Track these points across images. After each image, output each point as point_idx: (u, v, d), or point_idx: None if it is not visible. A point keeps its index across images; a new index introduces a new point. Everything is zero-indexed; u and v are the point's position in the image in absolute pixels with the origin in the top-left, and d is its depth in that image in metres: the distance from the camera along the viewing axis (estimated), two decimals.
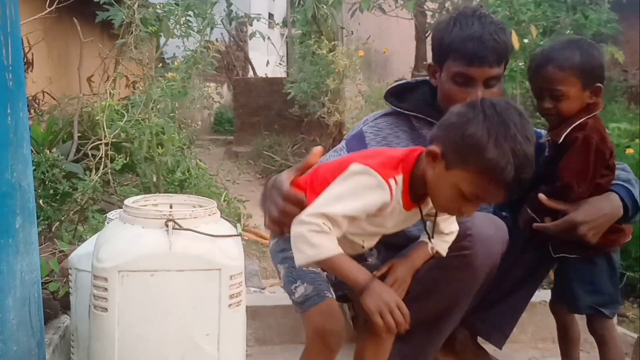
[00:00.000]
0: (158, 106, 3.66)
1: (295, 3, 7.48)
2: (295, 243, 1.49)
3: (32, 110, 4.24)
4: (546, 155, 1.90)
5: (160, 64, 4.72)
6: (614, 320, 2.03)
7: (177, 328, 1.56)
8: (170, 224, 1.55)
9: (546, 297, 2.13)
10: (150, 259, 1.55)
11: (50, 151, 3.17)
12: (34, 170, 2.77)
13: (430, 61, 1.98)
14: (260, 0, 13.69)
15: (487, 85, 1.83)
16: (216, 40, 8.68)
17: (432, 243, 1.64)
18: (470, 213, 1.51)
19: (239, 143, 8.70)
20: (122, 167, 3.51)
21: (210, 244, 1.58)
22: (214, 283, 1.57)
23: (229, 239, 1.65)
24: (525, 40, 4.98)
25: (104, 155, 3.29)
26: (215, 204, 1.71)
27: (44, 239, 2.67)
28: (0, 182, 1.30)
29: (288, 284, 1.69)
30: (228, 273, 1.58)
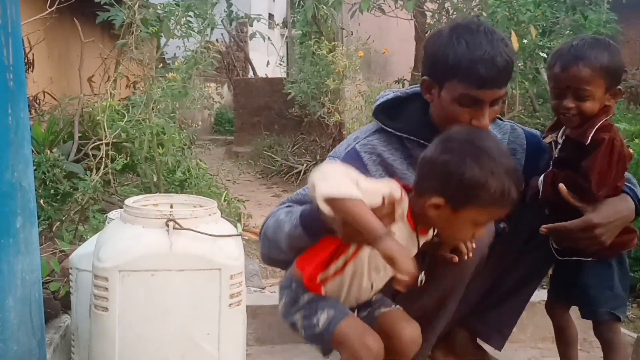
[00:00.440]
0: (158, 106, 3.67)
1: (296, 4, 7.50)
2: (315, 179, 1.46)
3: (33, 111, 4.25)
4: (557, 155, 1.88)
5: (161, 65, 4.73)
6: None
7: (178, 327, 1.57)
8: (171, 223, 1.56)
9: (545, 297, 2.12)
10: (151, 258, 1.55)
11: (51, 151, 3.18)
12: (35, 170, 2.78)
13: (424, 76, 1.84)
14: (260, 1, 13.70)
15: (492, 104, 1.76)
16: (216, 40, 8.70)
17: (422, 276, 1.62)
18: (483, 235, 1.61)
19: (239, 143, 8.71)
20: (123, 167, 3.52)
21: (211, 243, 1.58)
22: (214, 283, 1.57)
23: (230, 238, 1.65)
24: (525, 41, 4.98)
25: (104, 155, 3.30)
26: (216, 204, 1.72)
27: (44, 239, 2.67)
28: (1, 182, 1.31)
29: (309, 321, 1.62)
30: (228, 273, 1.58)
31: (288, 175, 6.90)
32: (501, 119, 2.05)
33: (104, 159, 3.29)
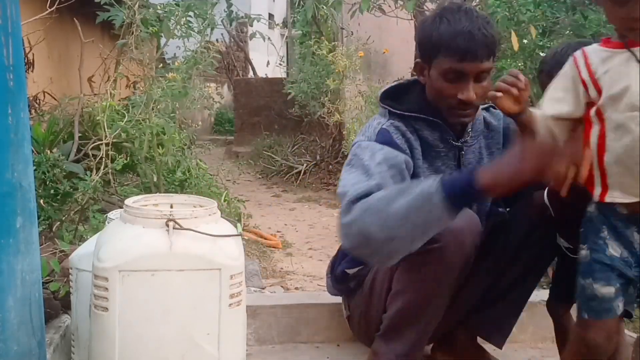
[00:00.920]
0: (158, 106, 3.67)
1: (295, 4, 7.51)
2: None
3: (33, 111, 4.25)
4: None
5: (161, 65, 4.73)
6: None
7: (178, 328, 1.57)
8: (171, 223, 1.56)
9: (546, 297, 2.12)
10: (151, 258, 1.55)
11: (51, 151, 3.18)
12: (35, 170, 2.77)
13: (417, 59, 1.96)
14: (260, 1, 13.72)
15: (478, 79, 1.82)
16: (216, 40, 8.71)
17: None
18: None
19: (239, 143, 8.72)
20: (123, 167, 3.51)
21: (211, 243, 1.58)
22: (214, 283, 1.57)
23: (230, 238, 1.65)
24: (525, 41, 4.98)
25: (104, 155, 3.29)
26: (216, 204, 1.72)
27: (44, 239, 2.67)
28: (1, 182, 1.31)
29: None
30: (228, 273, 1.58)
31: (288, 175, 6.90)
32: (495, 108, 2.07)
33: (104, 159, 3.28)
